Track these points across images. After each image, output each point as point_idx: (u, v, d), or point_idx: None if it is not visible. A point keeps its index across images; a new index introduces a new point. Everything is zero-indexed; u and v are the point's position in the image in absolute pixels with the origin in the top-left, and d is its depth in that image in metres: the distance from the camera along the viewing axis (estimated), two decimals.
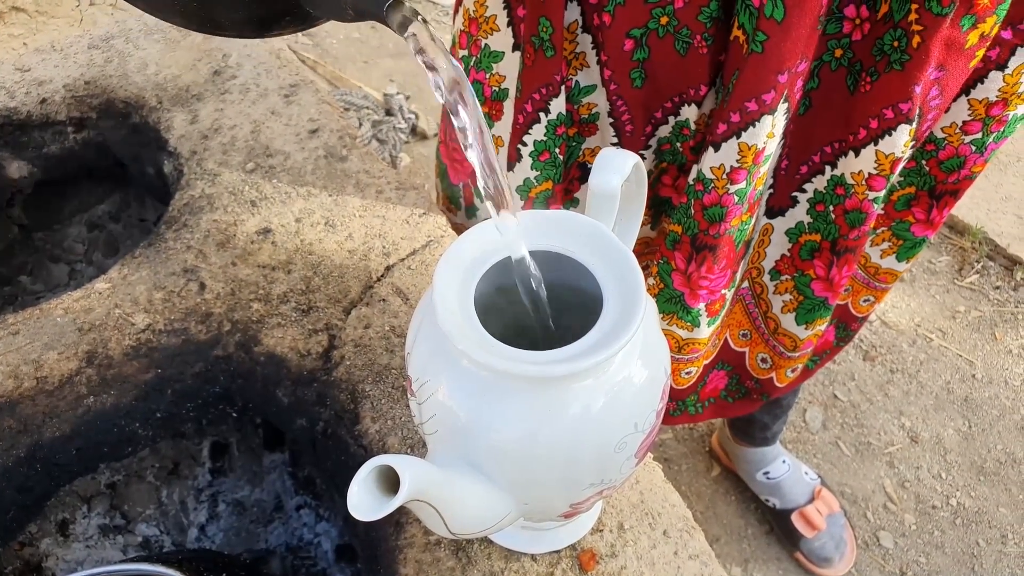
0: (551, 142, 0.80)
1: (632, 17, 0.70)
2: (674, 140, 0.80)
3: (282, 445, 0.91)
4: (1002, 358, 1.61)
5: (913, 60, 0.66)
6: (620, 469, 0.51)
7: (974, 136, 0.76)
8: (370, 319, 0.82)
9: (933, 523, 1.39)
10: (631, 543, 0.68)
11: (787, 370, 0.97)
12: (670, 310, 0.88)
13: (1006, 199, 1.85)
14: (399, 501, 0.40)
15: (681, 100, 0.76)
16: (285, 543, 0.87)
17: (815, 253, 0.84)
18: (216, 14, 0.56)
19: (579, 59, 0.76)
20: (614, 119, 0.79)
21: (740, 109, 0.70)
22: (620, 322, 0.47)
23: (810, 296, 0.87)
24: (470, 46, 0.84)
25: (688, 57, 0.72)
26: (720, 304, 0.90)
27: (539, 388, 0.47)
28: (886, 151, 0.72)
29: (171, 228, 0.90)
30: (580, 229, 0.52)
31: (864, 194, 0.76)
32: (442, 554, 0.66)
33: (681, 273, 0.84)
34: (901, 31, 0.66)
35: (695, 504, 1.40)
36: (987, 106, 0.74)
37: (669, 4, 0.69)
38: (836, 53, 0.71)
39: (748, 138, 0.71)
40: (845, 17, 0.68)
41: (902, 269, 0.91)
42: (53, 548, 0.81)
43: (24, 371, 0.77)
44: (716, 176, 0.75)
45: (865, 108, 0.71)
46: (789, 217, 0.83)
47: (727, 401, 1.07)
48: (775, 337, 0.94)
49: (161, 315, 0.82)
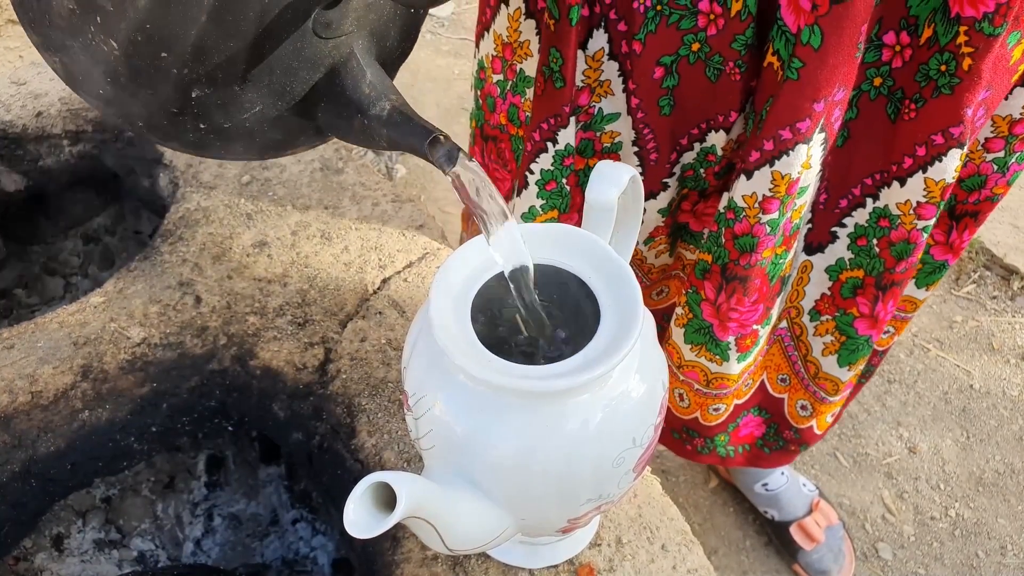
0: (558, 172, 0.78)
1: (663, 45, 0.69)
2: (698, 167, 0.78)
3: (278, 459, 0.90)
4: (1000, 368, 1.60)
5: (963, 83, 0.64)
6: (618, 484, 0.51)
7: (996, 154, 0.74)
8: (366, 332, 0.82)
9: (932, 534, 1.39)
10: (629, 557, 0.67)
11: (827, 416, 0.95)
12: (699, 341, 0.86)
13: (1002, 209, 1.86)
14: (396, 518, 0.40)
15: (708, 126, 0.74)
16: (281, 557, 0.86)
17: (857, 290, 0.82)
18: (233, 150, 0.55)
19: (603, 87, 0.74)
20: (639, 147, 0.77)
21: (774, 137, 0.68)
22: (618, 336, 0.47)
23: (853, 336, 0.85)
24: (505, 71, 0.82)
25: (719, 83, 0.70)
26: (752, 340, 0.87)
27: (536, 403, 0.47)
28: (936, 177, 0.70)
29: (167, 241, 0.90)
30: (577, 242, 0.52)
31: (913, 224, 0.74)
32: (439, 569, 0.66)
33: (711, 303, 0.82)
34: (949, 54, 0.63)
35: (693, 516, 1.40)
36: (1011, 124, 0.72)
37: (702, 31, 0.67)
38: (875, 82, 0.69)
39: (782, 167, 0.69)
40: (884, 45, 0.66)
41: (923, 297, 0.88)
42: (48, 563, 0.81)
43: (19, 385, 0.76)
44: (748, 205, 0.73)
45: (910, 136, 0.69)
46: (829, 254, 0.81)
47: (763, 451, 1.04)
48: (815, 382, 0.91)
49: (157, 329, 0.81)
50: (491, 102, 0.87)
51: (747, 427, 1.01)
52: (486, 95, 0.87)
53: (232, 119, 0.51)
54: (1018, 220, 1.83)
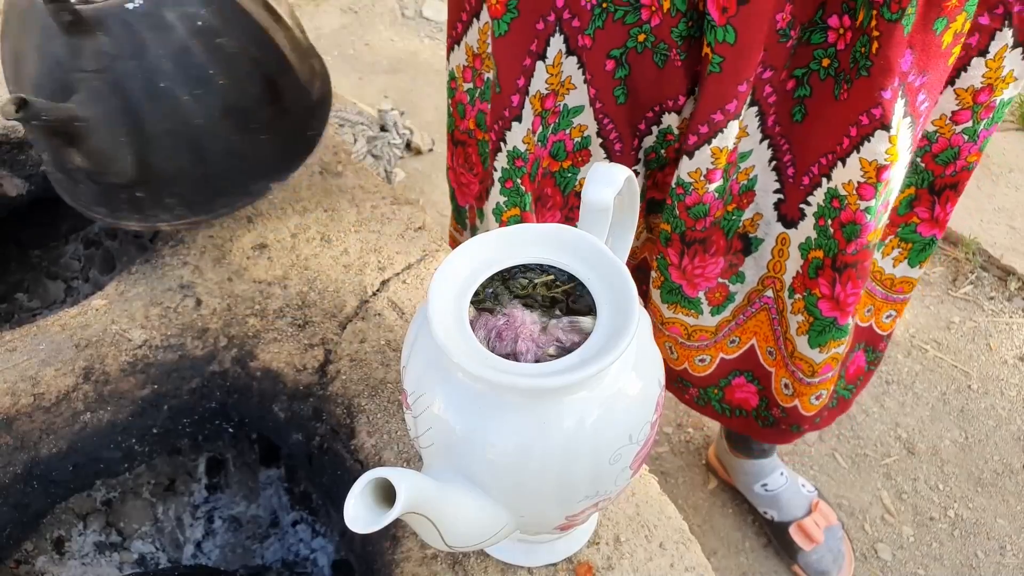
0: (513, 172, 0.83)
1: (611, 39, 0.74)
2: (659, 148, 0.83)
3: (278, 460, 0.91)
4: (997, 368, 1.61)
5: (876, 65, 0.68)
6: (615, 481, 0.51)
7: (965, 125, 0.77)
8: (365, 333, 0.82)
9: (931, 535, 1.39)
10: (627, 555, 0.68)
11: (810, 397, 0.97)
12: (673, 300, 0.93)
13: (999, 210, 1.86)
14: (395, 513, 0.40)
15: (662, 109, 0.79)
16: (281, 559, 0.86)
17: (819, 271, 0.85)
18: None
19: (565, 85, 0.79)
20: (603, 138, 0.82)
21: (707, 121, 0.74)
22: (614, 334, 0.47)
23: (819, 317, 0.87)
24: (474, 79, 0.88)
25: (666, 69, 0.75)
26: (722, 294, 0.92)
27: (534, 400, 0.47)
28: (868, 158, 0.73)
29: (167, 244, 0.90)
30: (573, 242, 0.52)
31: (856, 204, 0.77)
32: (438, 568, 0.66)
33: (676, 268, 0.88)
34: (866, 37, 0.68)
35: (692, 517, 1.40)
36: (973, 93, 0.75)
37: (646, 23, 0.72)
38: (824, 63, 0.72)
39: (719, 143, 0.75)
40: (829, 27, 0.70)
41: (916, 276, 0.91)
42: (49, 566, 0.81)
43: (21, 387, 0.77)
44: (694, 179, 0.79)
45: (846, 116, 0.73)
46: (801, 230, 0.84)
47: (756, 423, 1.07)
48: (792, 361, 0.94)
49: (157, 331, 0.82)
50: (461, 109, 0.93)
51: (740, 390, 1.04)
52: (457, 103, 0.94)
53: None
54: (1015, 221, 1.84)
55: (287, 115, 0.82)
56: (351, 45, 2.34)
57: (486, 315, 0.50)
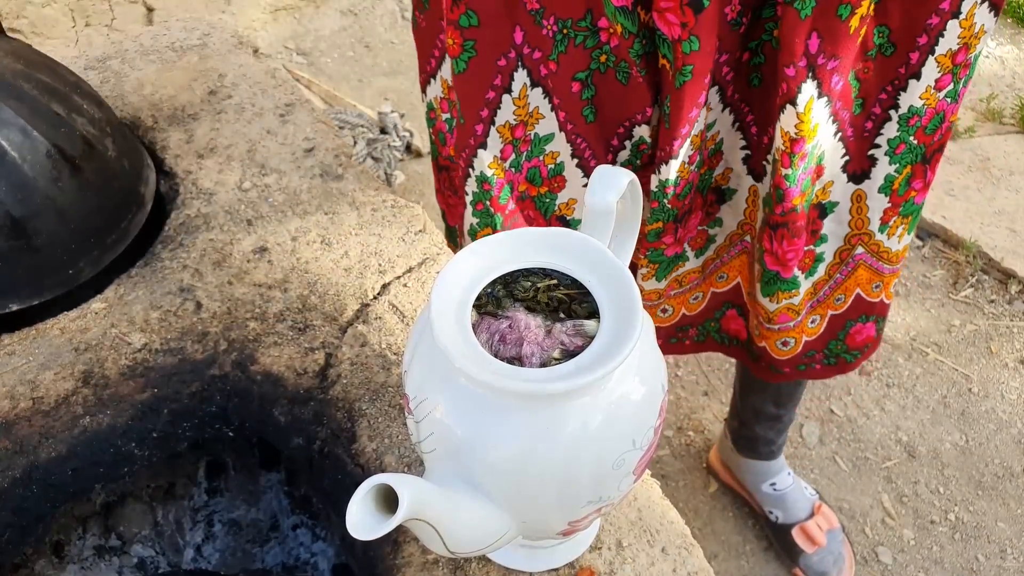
0: (481, 195, 0.86)
1: (575, 62, 0.77)
2: (634, 159, 0.86)
3: (278, 464, 0.90)
4: (998, 372, 1.61)
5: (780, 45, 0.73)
6: (618, 486, 0.51)
7: (947, 89, 0.80)
8: (366, 337, 0.82)
9: (932, 538, 1.39)
10: (629, 560, 0.68)
11: (775, 342, 1.01)
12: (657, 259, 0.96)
13: (999, 213, 1.86)
14: (398, 520, 0.40)
15: (632, 123, 0.82)
16: (281, 563, 0.86)
17: (765, 224, 0.89)
18: None
19: (533, 116, 0.82)
20: (579, 158, 0.85)
21: (688, 121, 0.77)
22: (617, 339, 0.47)
23: (765, 268, 0.92)
24: (451, 110, 0.92)
25: (630, 86, 0.78)
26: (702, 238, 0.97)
27: (536, 405, 0.47)
28: (785, 128, 0.78)
29: (167, 247, 0.90)
30: (576, 246, 0.52)
31: (780, 170, 0.81)
32: (440, 573, 0.66)
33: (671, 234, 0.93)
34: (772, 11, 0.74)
35: (693, 521, 1.40)
36: (952, 56, 0.77)
37: (605, 44, 0.76)
38: (775, 33, 0.76)
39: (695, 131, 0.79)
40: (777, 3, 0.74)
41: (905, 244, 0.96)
42: (48, 570, 0.81)
43: (20, 391, 0.77)
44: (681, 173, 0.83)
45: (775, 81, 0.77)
46: (764, 184, 0.89)
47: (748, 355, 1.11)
48: (753, 304, 0.99)
49: (157, 334, 0.82)
50: (442, 137, 0.98)
51: (733, 322, 1.08)
52: (437, 131, 0.98)
53: None
54: (1015, 224, 1.84)
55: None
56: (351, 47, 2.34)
57: (488, 319, 0.50)
